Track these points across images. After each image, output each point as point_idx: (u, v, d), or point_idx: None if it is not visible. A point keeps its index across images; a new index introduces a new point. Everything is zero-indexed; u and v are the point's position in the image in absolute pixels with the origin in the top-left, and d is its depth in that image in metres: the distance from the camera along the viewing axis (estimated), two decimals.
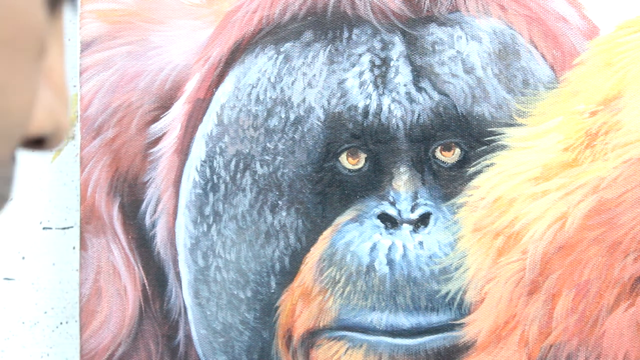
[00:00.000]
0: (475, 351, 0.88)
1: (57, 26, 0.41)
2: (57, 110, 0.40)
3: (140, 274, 0.91)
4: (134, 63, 0.91)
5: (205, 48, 0.90)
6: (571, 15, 0.89)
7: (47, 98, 0.40)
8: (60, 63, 0.41)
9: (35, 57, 0.38)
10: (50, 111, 0.40)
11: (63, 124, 0.40)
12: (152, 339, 0.91)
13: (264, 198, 0.89)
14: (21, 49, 0.38)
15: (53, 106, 0.40)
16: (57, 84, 0.40)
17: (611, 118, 0.87)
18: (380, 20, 0.90)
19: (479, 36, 0.89)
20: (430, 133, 0.89)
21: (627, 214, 0.87)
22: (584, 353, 0.88)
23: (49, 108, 0.40)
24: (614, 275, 0.87)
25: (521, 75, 0.89)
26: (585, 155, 0.88)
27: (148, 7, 0.91)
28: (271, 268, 0.89)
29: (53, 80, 0.41)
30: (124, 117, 0.91)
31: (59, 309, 0.94)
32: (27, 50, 0.38)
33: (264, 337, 0.90)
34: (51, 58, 0.40)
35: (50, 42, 0.40)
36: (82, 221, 0.91)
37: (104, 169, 0.91)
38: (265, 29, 0.90)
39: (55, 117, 0.40)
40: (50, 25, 0.40)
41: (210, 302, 0.90)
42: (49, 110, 0.40)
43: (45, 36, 0.39)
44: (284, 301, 0.89)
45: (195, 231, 0.90)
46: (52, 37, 0.40)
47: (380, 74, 0.89)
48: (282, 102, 0.89)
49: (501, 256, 0.88)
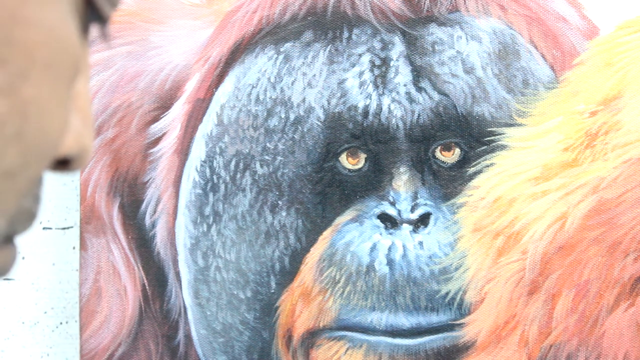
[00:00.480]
0: (475, 351, 0.88)
1: (86, 51, 0.42)
2: (82, 133, 0.42)
3: (140, 274, 0.91)
4: (134, 63, 0.91)
5: (205, 48, 0.90)
6: (571, 15, 0.89)
7: (74, 121, 0.42)
8: (86, 88, 0.42)
9: (70, 81, 0.41)
10: (77, 134, 0.42)
11: (88, 146, 0.42)
12: (152, 339, 0.91)
13: (264, 198, 0.89)
14: (60, 72, 0.40)
15: (79, 129, 0.42)
16: (83, 108, 0.42)
17: (611, 118, 0.87)
18: (380, 20, 0.90)
19: (479, 36, 0.89)
20: (430, 133, 0.89)
21: (627, 214, 0.87)
22: (584, 353, 0.88)
23: (76, 131, 0.42)
24: (614, 275, 0.88)
25: (521, 75, 0.89)
26: (585, 155, 0.88)
27: (148, 7, 0.91)
28: (271, 268, 0.89)
29: (80, 104, 0.42)
30: (124, 117, 0.91)
31: (59, 309, 0.94)
32: (65, 74, 0.40)
33: (264, 337, 0.90)
34: (79, 82, 0.42)
35: (82, 67, 0.42)
36: (82, 221, 0.91)
37: (104, 169, 0.91)
38: (265, 29, 0.90)
39: (81, 140, 0.42)
40: (82, 50, 0.42)
41: (210, 302, 0.90)
42: (76, 133, 0.42)
43: (79, 60, 0.41)
44: (284, 301, 0.89)
45: (195, 231, 0.90)
46: (82, 61, 0.42)
47: (380, 74, 0.89)
48: (282, 102, 0.89)
49: (501, 256, 0.88)
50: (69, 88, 0.40)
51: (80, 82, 0.42)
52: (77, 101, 0.42)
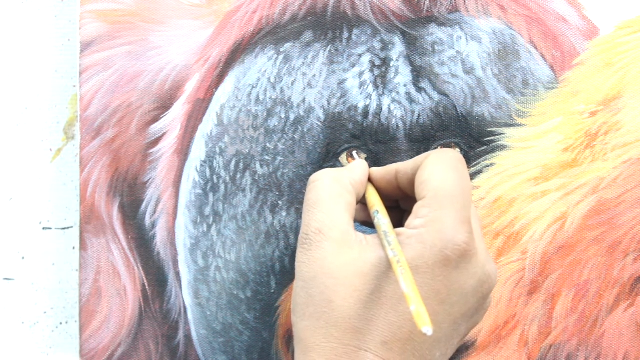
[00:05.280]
0: (475, 351, 0.88)
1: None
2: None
3: (140, 274, 0.91)
4: (134, 63, 0.91)
5: (205, 48, 0.90)
6: (571, 16, 0.89)
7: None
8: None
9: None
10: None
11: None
12: (152, 339, 0.91)
13: (264, 198, 0.89)
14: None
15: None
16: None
17: (611, 118, 0.88)
18: (380, 20, 0.90)
19: (478, 36, 0.89)
20: (430, 133, 0.89)
21: (627, 214, 0.87)
22: (583, 353, 0.88)
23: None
24: (614, 275, 0.88)
25: (521, 75, 0.89)
26: (585, 156, 0.88)
27: (148, 7, 0.91)
28: (271, 268, 0.89)
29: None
30: (124, 117, 0.91)
31: (58, 309, 0.94)
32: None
33: (264, 337, 0.90)
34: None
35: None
36: (82, 221, 0.91)
37: (103, 169, 0.91)
38: (265, 29, 0.90)
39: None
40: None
41: (210, 302, 0.90)
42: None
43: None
44: (284, 301, 0.89)
45: (195, 231, 0.90)
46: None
47: (380, 74, 0.89)
48: (282, 103, 0.89)
49: (501, 256, 0.88)
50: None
51: None
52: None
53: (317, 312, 0.64)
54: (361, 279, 0.63)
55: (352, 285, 0.63)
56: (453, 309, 0.64)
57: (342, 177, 0.70)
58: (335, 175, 0.71)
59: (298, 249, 0.68)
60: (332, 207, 0.67)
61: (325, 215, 0.67)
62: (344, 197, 0.69)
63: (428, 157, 0.70)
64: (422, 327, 0.58)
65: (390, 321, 0.63)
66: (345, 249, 0.65)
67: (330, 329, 0.63)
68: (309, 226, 0.67)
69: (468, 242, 0.64)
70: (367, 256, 0.65)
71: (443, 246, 0.63)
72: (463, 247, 0.64)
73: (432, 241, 0.64)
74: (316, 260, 0.65)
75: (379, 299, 0.63)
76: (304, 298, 0.65)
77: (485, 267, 0.66)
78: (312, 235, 0.66)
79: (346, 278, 0.64)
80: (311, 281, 0.65)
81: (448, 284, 0.63)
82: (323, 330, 0.63)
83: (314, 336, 0.63)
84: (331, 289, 0.63)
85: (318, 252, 0.65)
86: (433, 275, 0.63)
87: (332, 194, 0.68)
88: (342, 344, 0.62)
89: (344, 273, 0.64)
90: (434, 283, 0.63)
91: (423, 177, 0.68)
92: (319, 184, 0.69)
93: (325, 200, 0.68)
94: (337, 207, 0.68)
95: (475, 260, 0.65)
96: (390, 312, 0.63)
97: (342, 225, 0.67)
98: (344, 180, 0.70)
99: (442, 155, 0.69)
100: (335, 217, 0.67)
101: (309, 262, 0.66)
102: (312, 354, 0.63)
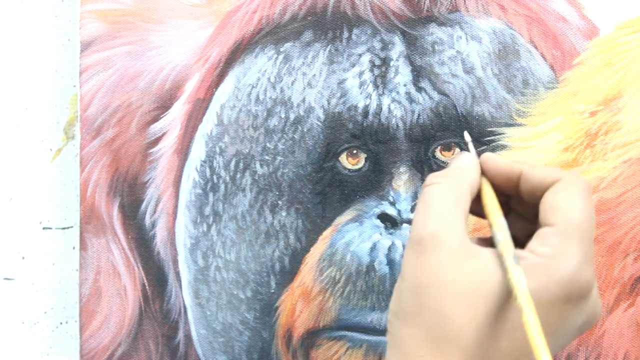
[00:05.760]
0: None
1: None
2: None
3: (140, 274, 0.91)
4: (134, 63, 0.91)
5: (205, 48, 0.90)
6: (571, 15, 0.89)
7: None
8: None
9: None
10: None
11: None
12: (152, 339, 0.91)
13: (263, 198, 0.89)
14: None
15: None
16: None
17: (611, 118, 0.87)
18: (380, 20, 0.90)
19: (478, 36, 0.89)
20: (430, 133, 0.89)
21: (627, 213, 0.87)
22: (583, 353, 0.88)
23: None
24: (614, 275, 0.87)
25: (521, 75, 0.89)
26: (585, 155, 0.88)
27: (148, 7, 0.91)
28: (271, 268, 0.89)
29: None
30: (124, 117, 0.91)
31: (58, 309, 0.94)
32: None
33: (264, 337, 0.90)
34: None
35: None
36: (82, 221, 0.91)
37: (104, 169, 0.91)
38: (265, 29, 0.90)
39: None
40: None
41: (210, 302, 0.90)
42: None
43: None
44: (284, 301, 0.89)
45: (195, 231, 0.90)
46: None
47: (380, 74, 0.89)
48: (282, 102, 0.89)
49: None
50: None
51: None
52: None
53: (426, 323, 0.61)
54: (480, 298, 0.61)
55: (469, 302, 0.61)
56: (558, 342, 0.62)
57: (463, 184, 0.67)
58: (455, 180, 0.66)
59: (408, 249, 0.64)
60: (451, 214, 0.64)
61: (442, 220, 0.64)
62: (463, 205, 0.65)
63: (561, 180, 0.66)
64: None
65: (501, 347, 0.61)
66: (462, 261, 0.62)
67: (438, 343, 0.60)
68: (424, 228, 0.64)
69: (591, 281, 0.62)
70: (487, 273, 0.62)
71: (569, 283, 0.61)
72: (586, 287, 0.62)
73: (559, 275, 0.62)
74: (431, 266, 0.62)
75: (495, 322, 0.60)
76: (414, 306, 0.62)
77: (596, 306, 0.64)
78: (428, 238, 0.63)
79: (463, 294, 0.61)
80: (423, 288, 0.62)
81: (562, 320, 0.61)
82: (429, 344, 0.61)
83: (418, 346, 0.61)
84: (447, 303, 0.61)
85: (433, 258, 0.62)
86: (551, 309, 0.61)
87: (451, 199, 0.65)
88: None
89: (462, 287, 0.61)
90: (550, 316, 0.61)
91: (557, 202, 0.64)
92: (439, 188, 0.65)
93: (443, 204, 0.64)
94: (456, 214, 0.64)
95: (590, 300, 0.63)
96: (502, 338, 0.61)
97: (460, 234, 0.64)
98: (464, 187, 0.67)
99: (576, 183, 0.65)
100: (453, 224, 0.63)
101: (423, 268, 0.63)
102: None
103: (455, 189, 0.65)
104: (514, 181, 0.68)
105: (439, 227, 0.63)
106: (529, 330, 0.58)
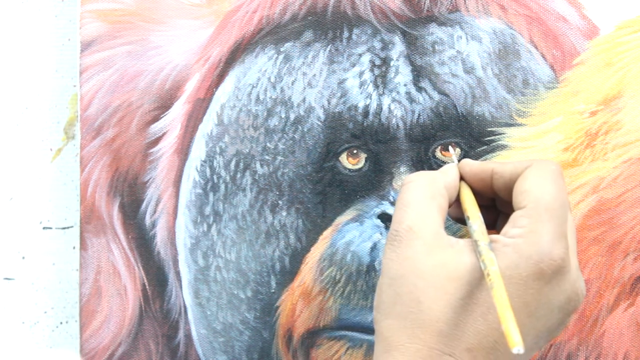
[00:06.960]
0: None
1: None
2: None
3: (140, 273, 0.91)
4: (134, 63, 0.91)
5: (205, 48, 0.90)
6: (571, 15, 0.89)
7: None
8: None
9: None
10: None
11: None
12: (152, 339, 0.91)
13: (264, 198, 0.89)
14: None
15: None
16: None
17: (611, 118, 0.88)
18: (380, 20, 0.90)
19: (479, 36, 0.89)
20: (430, 133, 0.89)
21: (627, 214, 0.87)
22: (584, 353, 0.88)
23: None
24: (614, 275, 0.88)
25: (521, 75, 0.89)
26: (585, 155, 0.88)
27: (148, 7, 0.91)
28: (271, 268, 0.89)
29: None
30: (124, 117, 0.91)
31: (59, 309, 0.94)
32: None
33: (264, 336, 0.90)
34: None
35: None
36: (82, 221, 0.91)
37: (104, 169, 0.91)
38: (265, 28, 0.90)
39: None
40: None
41: (211, 302, 0.90)
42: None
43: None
44: (284, 301, 0.89)
45: (196, 231, 0.90)
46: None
47: (381, 73, 0.89)
48: (282, 102, 0.89)
49: None
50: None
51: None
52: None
53: (403, 312, 0.63)
54: (453, 282, 0.63)
55: (443, 288, 0.63)
56: (539, 322, 0.63)
57: (437, 180, 0.70)
58: (430, 177, 0.70)
59: (386, 246, 0.67)
60: (425, 208, 0.67)
61: (417, 214, 0.66)
62: (437, 199, 0.68)
63: (530, 166, 0.69)
64: (513, 347, 0.57)
65: (478, 329, 0.62)
66: (436, 250, 0.65)
67: (416, 329, 0.62)
68: (400, 223, 0.67)
69: (564, 257, 0.64)
70: (460, 260, 0.64)
71: (539, 259, 0.63)
72: (559, 262, 0.63)
73: (528, 253, 0.64)
74: (406, 258, 0.65)
75: (469, 305, 0.62)
76: (391, 296, 0.64)
77: (576, 285, 0.66)
78: (403, 232, 0.65)
79: (437, 280, 0.63)
80: (399, 279, 0.64)
81: (538, 297, 0.63)
82: (408, 331, 0.62)
83: (398, 335, 0.63)
84: (421, 290, 0.63)
85: (408, 250, 0.65)
86: (525, 288, 0.62)
87: (426, 195, 0.68)
88: (426, 346, 0.62)
89: (435, 275, 0.63)
90: (525, 295, 0.62)
91: (524, 186, 0.67)
92: (414, 185, 0.68)
93: (418, 200, 0.67)
94: (430, 208, 0.67)
95: (568, 277, 0.64)
96: (478, 320, 0.62)
97: (433, 226, 0.66)
98: (438, 183, 0.69)
99: (544, 167, 0.68)
100: (428, 217, 0.66)
101: (398, 260, 0.65)
102: (395, 353, 0.62)
103: (429, 185, 0.68)
104: (488, 180, 0.71)
105: (413, 221, 0.65)
106: (498, 304, 0.59)
